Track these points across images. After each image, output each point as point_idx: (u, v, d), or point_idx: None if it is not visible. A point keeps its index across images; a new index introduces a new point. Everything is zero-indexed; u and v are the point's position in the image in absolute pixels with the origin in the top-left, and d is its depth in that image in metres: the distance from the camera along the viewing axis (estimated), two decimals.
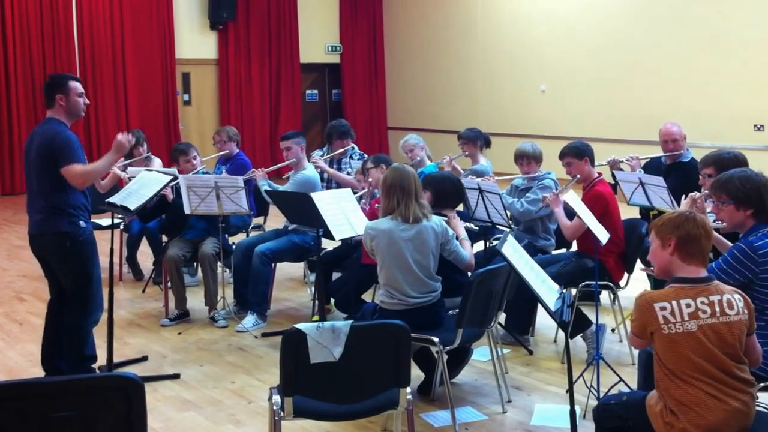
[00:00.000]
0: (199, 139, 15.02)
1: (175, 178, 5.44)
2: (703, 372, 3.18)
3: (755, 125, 11.42)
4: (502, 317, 5.71)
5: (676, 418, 3.20)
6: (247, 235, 7.70)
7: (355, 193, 6.03)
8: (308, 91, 16.72)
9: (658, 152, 6.84)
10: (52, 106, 4.93)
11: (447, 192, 5.05)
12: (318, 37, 16.38)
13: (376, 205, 4.92)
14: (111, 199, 5.24)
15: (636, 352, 5.64)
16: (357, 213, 5.38)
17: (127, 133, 5.08)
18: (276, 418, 3.58)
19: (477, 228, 5.75)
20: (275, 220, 8.28)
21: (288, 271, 7.96)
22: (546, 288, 3.74)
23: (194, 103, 15.38)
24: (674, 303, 3.21)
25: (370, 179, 5.94)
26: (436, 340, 4.48)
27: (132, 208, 5.10)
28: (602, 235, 4.80)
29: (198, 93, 15.40)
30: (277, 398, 3.60)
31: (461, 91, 15.48)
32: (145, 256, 8.13)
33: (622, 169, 6.75)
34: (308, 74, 16.51)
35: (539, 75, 14.15)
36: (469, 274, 4.82)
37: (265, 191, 6.48)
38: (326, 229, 5.58)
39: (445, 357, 4.68)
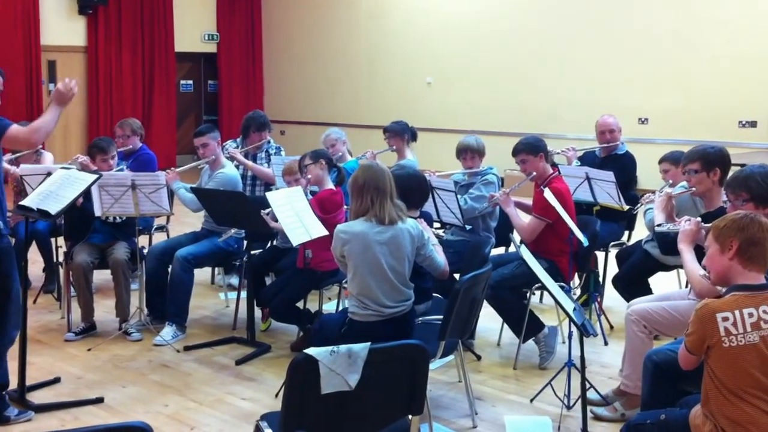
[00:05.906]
0: (63, 132, 14.01)
1: (100, 177, 4.77)
2: (761, 388, 2.93)
3: (639, 119, 11.62)
4: None
5: None
6: (151, 238, 7.06)
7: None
8: (183, 82, 15.83)
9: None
10: None
11: (413, 191, 4.62)
12: (194, 25, 15.51)
13: (347, 209, 4.43)
14: (24, 202, 4.54)
15: (601, 357, 5.46)
16: (309, 213, 4.89)
17: (70, 80, 4.42)
18: None
19: (444, 234, 5.37)
20: (179, 221, 7.63)
21: None
22: (563, 296, 3.42)
23: None
24: (737, 313, 2.96)
25: (309, 176, 5.45)
26: None
27: (53, 212, 4.42)
28: (582, 236, 4.54)
29: None
30: None
31: (344, 83, 15.05)
32: (32, 261, 7.29)
33: (555, 162, 6.57)
34: (183, 64, 15.62)
35: (426, 67, 13.91)
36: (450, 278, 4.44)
37: (192, 189, 5.87)
38: (257, 230, 5.06)
39: None
